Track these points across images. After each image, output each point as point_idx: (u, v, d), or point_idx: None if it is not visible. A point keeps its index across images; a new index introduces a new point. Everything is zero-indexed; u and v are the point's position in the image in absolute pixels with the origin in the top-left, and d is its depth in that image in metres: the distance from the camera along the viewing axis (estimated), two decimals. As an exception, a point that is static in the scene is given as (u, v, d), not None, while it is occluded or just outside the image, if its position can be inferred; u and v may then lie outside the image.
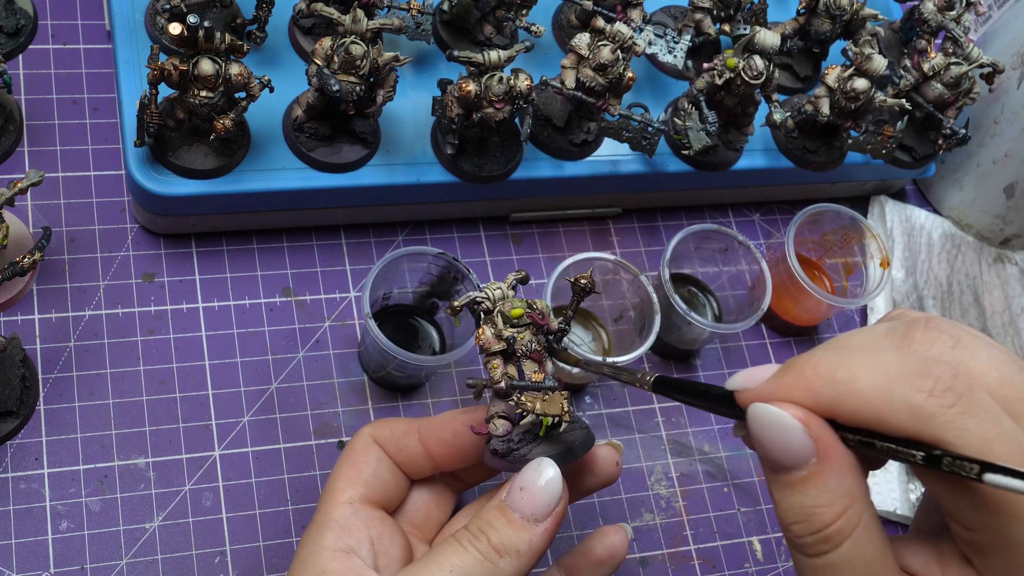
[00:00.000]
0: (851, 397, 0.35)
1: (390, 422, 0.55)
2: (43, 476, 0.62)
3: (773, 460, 0.37)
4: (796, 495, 0.37)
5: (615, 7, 0.76)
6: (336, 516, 0.52)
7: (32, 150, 0.71)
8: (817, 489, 0.36)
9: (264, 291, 0.71)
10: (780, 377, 0.38)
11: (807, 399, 0.37)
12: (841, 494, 0.36)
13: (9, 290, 0.65)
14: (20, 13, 0.73)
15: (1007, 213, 0.89)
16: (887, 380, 0.35)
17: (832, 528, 0.36)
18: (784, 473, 0.37)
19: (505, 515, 0.48)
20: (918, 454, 0.34)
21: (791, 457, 0.37)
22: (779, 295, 0.77)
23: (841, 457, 0.36)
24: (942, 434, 0.34)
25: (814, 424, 0.36)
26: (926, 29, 0.82)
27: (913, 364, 0.35)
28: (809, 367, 0.37)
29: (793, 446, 0.36)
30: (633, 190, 0.79)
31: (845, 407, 0.36)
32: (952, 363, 0.36)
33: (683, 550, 0.71)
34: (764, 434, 0.37)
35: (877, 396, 0.35)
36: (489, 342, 0.51)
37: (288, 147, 0.69)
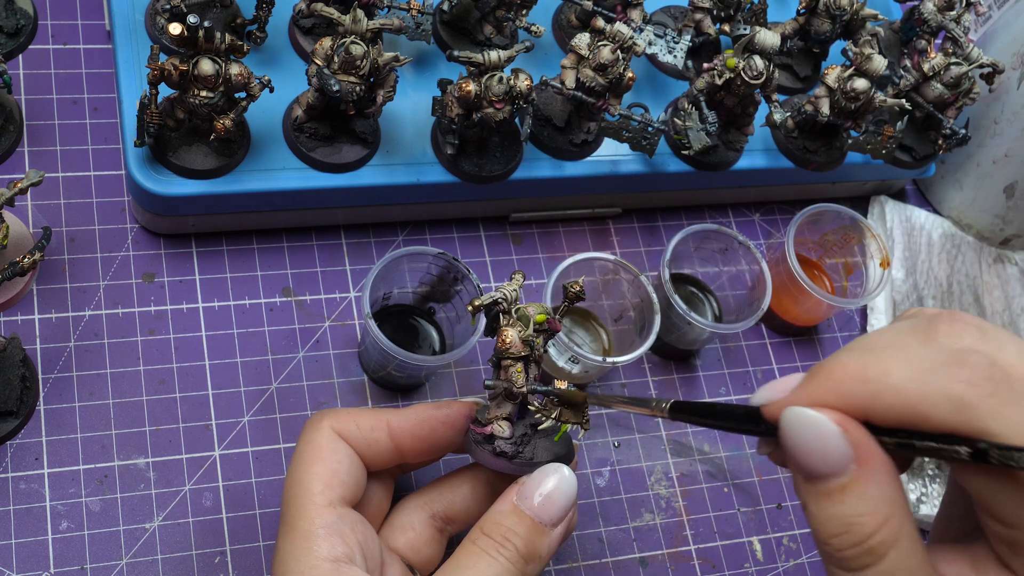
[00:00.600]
0: (887, 394, 0.34)
1: (352, 414, 0.53)
2: (43, 476, 0.62)
3: (810, 468, 0.36)
4: (835, 505, 0.35)
5: (615, 7, 0.76)
6: (323, 522, 0.49)
7: (32, 150, 0.71)
8: (857, 497, 0.35)
9: (264, 291, 0.71)
10: (808, 383, 0.36)
11: (840, 402, 0.35)
12: (883, 501, 0.35)
13: (9, 290, 0.65)
14: (20, 13, 0.73)
15: (1007, 213, 0.89)
16: (921, 374, 0.34)
17: (876, 539, 0.35)
18: (821, 482, 0.35)
19: (525, 521, 0.48)
20: (963, 449, 0.32)
21: (829, 464, 0.35)
22: (779, 295, 0.77)
23: (881, 462, 0.35)
24: (986, 424, 0.32)
25: (851, 428, 0.35)
26: (926, 29, 0.82)
27: (947, 355, 0.34)
28: (838, 369, 0.36)
29: (830, 452, 0.35)
30: (633, 190, 0.79)
31: (881, 406, 0.34)
32: (984, 352, 0.35)
33: (683, 550, 0.71)
34: (799, 441, 0.36)
35: (914, 390, 0.34)
36: (516, 346, 0.51)
37: (288, 147, 0.69)
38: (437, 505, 0.56)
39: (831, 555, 0.36)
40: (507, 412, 0.51)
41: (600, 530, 0.70)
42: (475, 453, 0.53)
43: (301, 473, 0.51)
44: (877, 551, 0.35)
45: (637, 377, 0.76)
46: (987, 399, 0.32)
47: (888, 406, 0.34)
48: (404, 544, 0.55)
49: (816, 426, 0.35)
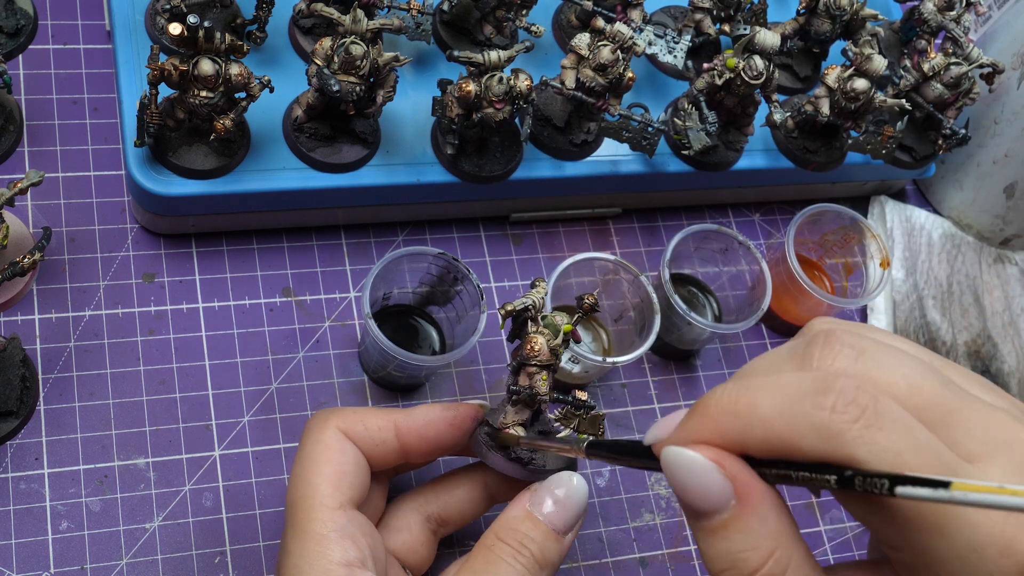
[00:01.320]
0: (756, 427, 0.34)
1: (358, 414, 0.53)
2: (43, 476, 0.62)
3: (691, 506, 0.35)
4: (720, 541, 0.35)
5: (615, 7, 0.76)
6: (334, 525, 0.48)
7: (32, 150, 0.71)
8: (740, 533, 0.34)
9: (264, 291, 0.71)
10: (688, 420, 0.36)
11: (717, 437, 0.35)
12: (765, 536, 0.34)
13: (9, 290, 0.65)
14: (20, 13, 0.73)
15: (1007, 213, 0.89)
16: (788, 402, 0.33)
17: (761, 573, 0.34)
18: (705, 519, 0.35)
19: (540, 527, 0.48)
20: (831, 478, 0.32)
21: (709, 501, 0.35)
22: (779, 295, 0.77)
23: (761, 496, 0.34)
24: (852, 451, 0.32)
25: (728, 463, 0.34)
26: (926, 29, 0.82)
27: (812, 381, 0.33)
28: (712, 404, 0.35)
29: (709, 489, 0.34)
30: (633, 190, 0.79)
31: (753, 439, 0.34)
32: (856, 375, 0.34)
33: (683, 550, 0.71)
34: (679, 479, 0.35)
35: (780, 421, 0.33)
36: (544, 354, 0.51)
37: (288, 147, 0.69)
38: (432, 507, 0.56)
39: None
40: (524, 418, 0.52)
41: (600, 530, 0.70)
42: (487, 456, 0.53)
43: (310, 474, 0.50)
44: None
45: (637, 377, 0.76)
46: (851, 425, 0.32)
47: (760, 439, 0.34)
48: (400, 546, 0.55)
49: (692, 464, 0.35)
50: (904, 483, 0.29)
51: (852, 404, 0.32)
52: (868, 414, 0.32)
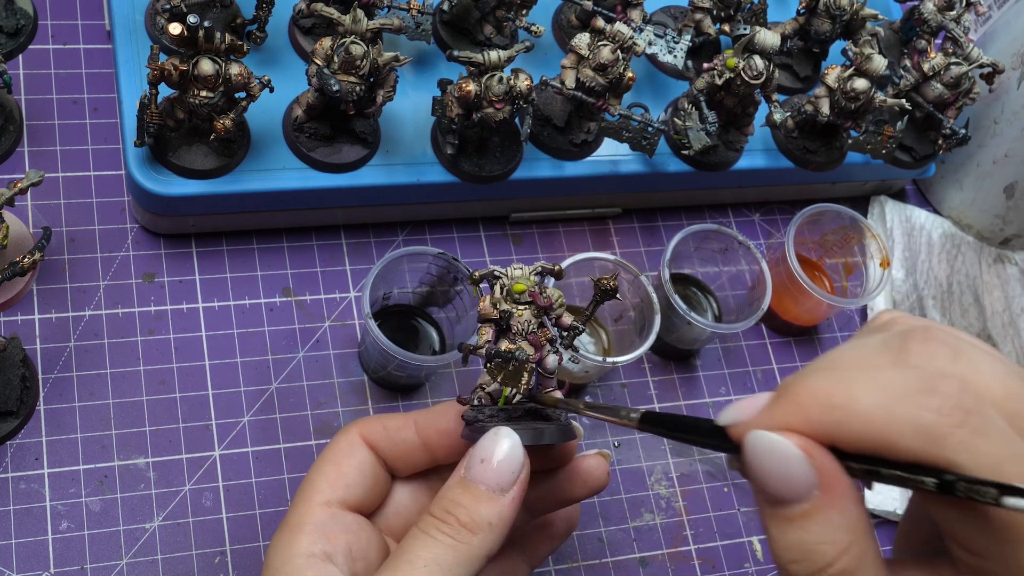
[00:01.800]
0: (853, 421, 0.33)
1: (381, 418, 0.53)
2: (43, 476, 0.62)
3: (773, 493, 0.35)
4: (796, 531, 0.34)
5: (615, 7, 0.76)
6: (311, 519, 0.48)
7: (32, 150, 0.71)
8: (819, 524, 0.34)
9: (264, 291, 0.71)
10: (774, 406, 0.35)
11: (806, 427, 0.34)
12: (845, 529, 0.34)
13: (9, 290, 0.65)
14: (20, 13, 0.73)
15: (1007, 213, 0.89)
16: (890, 400, 0.32)
17: (836, 567, 0.34)
18: (783, 507, 0.34)
19: (469, 490, 0.45)
20: (929, 480, 0.31)
21: (792, 490, 0.34)
22: (779, 295, 0.77)
23: (845, 489, 0.34)
24: (953, 455, 0.31)
25: (816, 453, 0.34)
26: (926, 29, 0.82)
27: (916, 380, 0.33)
28: (804, 392, 0.34)
29: (794, 477, 0.34)
30: (633, 190, 0.79)
31: (847, 433, 0.33)
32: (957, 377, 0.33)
33: (683, 550, 0.71)
34: (763, 465, 0.35)
35: (881, 418, 0.32)
36: (486, 310, 0.51)
37: (288, 147, 0.69)
38: None
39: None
40: (486, 382, 0.50)
41: (600, 530, 0.70)
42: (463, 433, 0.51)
43: (312, 473, 0.51)
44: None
45: (637, 377, 0.76)
46: (956, 429, 0.31)
47: (855, 433, 0.33)
48: None
49: (780, 451, 0.34)
50: (1013, 494, 0.29)
51: (958, 408, 0.32)
52: (972, 419, 0.32)
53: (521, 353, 0.49)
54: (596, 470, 0.53)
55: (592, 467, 0.53)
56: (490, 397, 0.50)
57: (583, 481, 0.53)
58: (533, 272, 0.51)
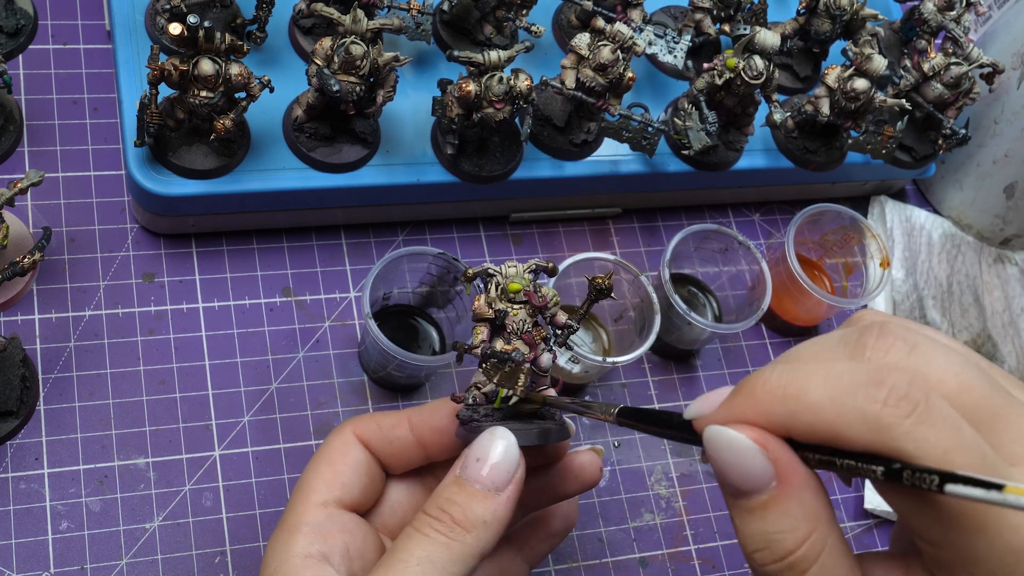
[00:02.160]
0: (804, 413, 0.34)
1: (375, 416, 0.53)
2: (43, 476, 0.62)
3: (731, 485, 0.36)
4: (757, 521, 0.35)
5: (615, 7, 0.76)
6: (308, 519, 0.48)
7: (32, 150, 0.71)
8: (778, 514, 0.35)
9: (264, 291, 0.71)
10: (733, 399, 0.36)
11: (761, 419, 0.35)
12: (803, 518, 0.35)
13: (9, 290, 0.65)
14: (20, 13, 0.73)
15: (1007, 213, 0.89)
16: (840, 392, 0.33)
17: (796, 555, 0.35)
18: (744, 498, 0.35)
19: (464, 489, 0.45)
20: (878, 469, 0.32)
21: (750, 481, 0.35)
22: (779, 295, 0.77)
23: (802, 479, 0.35)
24: (900, 445, 0.32)
25: (772, 445, 0.35)
26: (926, 29, 0.82)
27: (866, 373, 0.33)
28: (759, 385, 0.35)
29: (751, 469, 0.35)
30: (633, 190, 0.79)
31: (799, 424, 0.34)
32: (908, 370, 0.34)
33: (683, 550, 0.71)
34: (721, 458, 0.36)
35: (830, 409, 0.33)
36: (481, 309, 0.51)
37: (288, 147, 0.69)
38: None
39: (756, 569, 0.36)
40: (481, 381, 0.50)
41: (600, 530, 0.70)
42: (456, 433, 0.51)
43: (307, 473, 0.51)
44: (798, 567, 0.35)
45: (637, 377, 0.76)
46: (903, 420, 0.32)
47: (806, 424, 0.34)
48: None
49: (735, 444, 0.35)
50: (955, 481, 0.30)
51: (904, 399, 0.32)
52: (919, 410, 0.32)
53: (518, 354, 0.49)
54: (589, 466, 0.53)
55: (585, 463, 0.53)
56: (485, 397, 0.50)
57: (576, 477, 0.53)
58: (527, 270, 0.51)
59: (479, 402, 0.50)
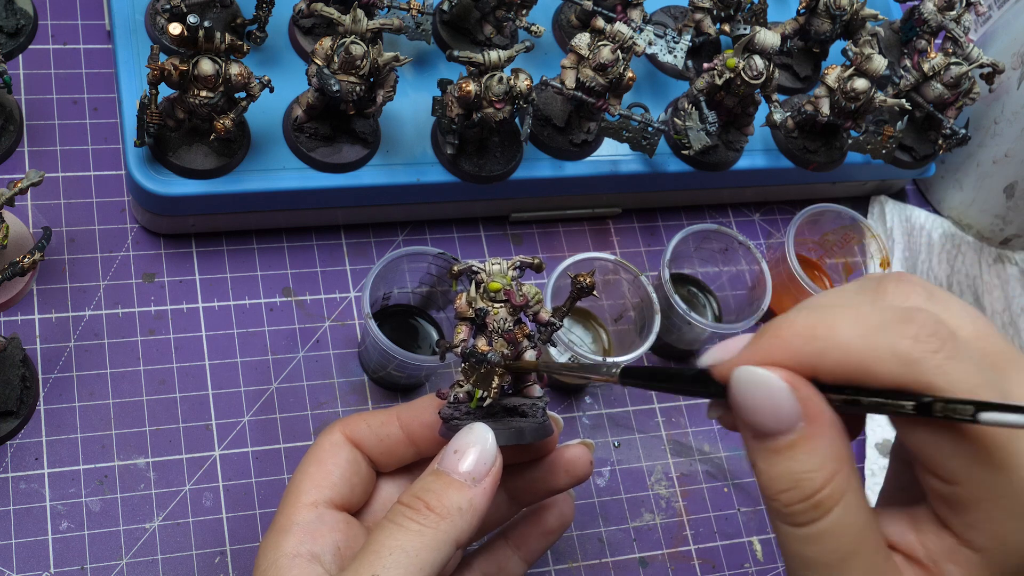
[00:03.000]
0: (834, 351, 0.34)
1: (364, 416, 0.53)
2: (43, 476, 0.62)
3: (759, 426, 0.36)
4: (784, 461, 0.36)
5: (615, 7, 0.76)
6: (298, 519, 0.48)
7: (32, 150, 0.71)
8: (806, 453, 0.35)
9: (264, 291, 0.71)
10: (757, 342, 0.37)
11: (789, 360, 0.35)
12: (831, 458, 0.35)
13: (9, 290, 0.65)
14: (20, 13, 0.73)
15: (1007, 213, 0.89)
16: (869, 330, 0.34)
17: (823, 493, 0.35)
18: (770, 439, 0.36)
19: (441, 478, 0.46)
20: (908, 404, 0.33)
21: (778, 421, 0.35)
22: (779, 295, 0.77)
23: (829, 419, 0.35)
24: (931, 379, 0.33)
25: (800, 385, 0.35)
26: (926, 29, 0.82)
27: (894, 312, 0.34)
28: (786, 327, 0.36)
29: (781, 409, 0.35)
30: (633, 190, 0.79)
31: (829, 362, 0.35)
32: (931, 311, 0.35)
33: (683, 550, 0.71)
34: (749, 399, 0.36)
35: (861, 346, 0.34)
36: (461, 308, 0.51)
37: (288, 147, 0.69)
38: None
39: (779, 511, 0.36)
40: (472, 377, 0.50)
41: (600, 530, 0.70)
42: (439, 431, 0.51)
43: (296, 475, 0.51)
44: (824, 505, 0.35)
45: (637, 377, 0.76)
46: (933, 355, 0.33)
47: (836, 362, 0.35)
48: None
49: (765, 384, 0.35)
50: (990, 409, 0.30)
51: (934, 335, 0.33)
52: (948, 346, 0.33)
53: (493, 355, 0.49)
54: (579, 459, 0.54)
55: (575, 456, 0.54)
56: (468, 395, 0.50)
57: (566, 471, 0.53)
58: (511, 267, 0.51)
59: (461, 399, 0.50)
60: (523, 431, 0.49)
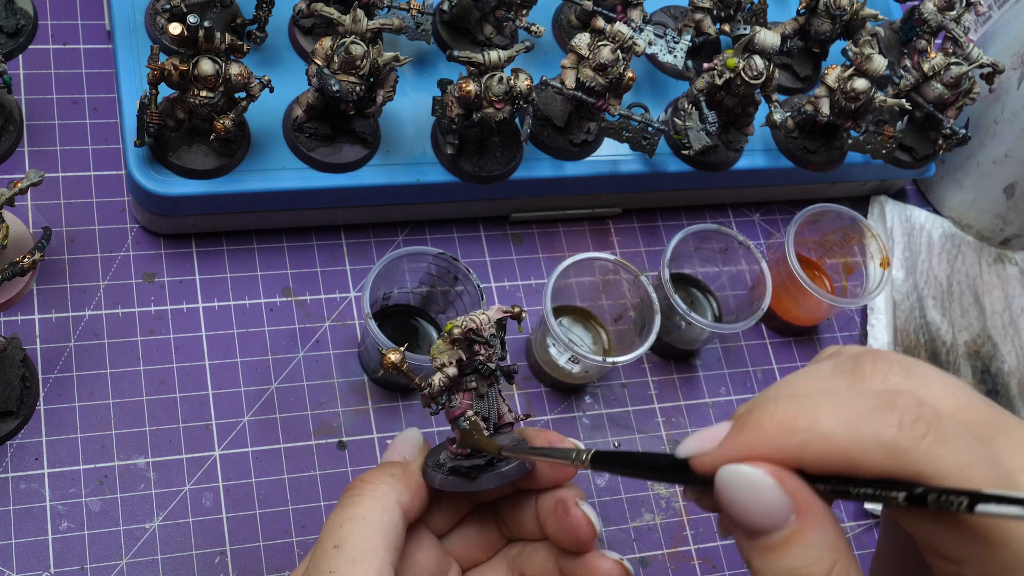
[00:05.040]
0: (819, 444, 0.33)
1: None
2: (43, 476, 0.62)
3: (750, 524, 0.35)
4: (780, 558, 0.35)
5: (615, 7, 0.76)
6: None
7: (32, 150, 0.71)
8: (802, 548, 0.34)
9: (264, 291, 0.71)
10: (738, 435, 0.36)
11: (772, 453, 0.34)
12: (827, 548, 0.34)
13: (9, 290, 0.65)
14: (20, 13, 0.73)
15: (1007, 213, 0.89)
16: (852, 419, 0.33)
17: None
18: (763, 537, 0.35)
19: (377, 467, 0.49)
20: (900, 495, 0.32)
21: (770, 518, 0.34)
22: (779, 295, 0.77)
23: (820, 509, 0.34)
24: (920, 467, 0.32)
25: (787, 479, 0.34)
26: (926, 29, 0.82)
27: (875, 398, 0.33)
28: (766, 419, 0.35)
29: (770, 506, 0.34)
30: (633, 190, 0.79)
31: (813, 455, 0.34)
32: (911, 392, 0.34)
33: (683, 550, 0.71)
34: (738, 498, 0.35)
35: (845, 438, 0.33)
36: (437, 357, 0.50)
37: (288, 147, 0.69)
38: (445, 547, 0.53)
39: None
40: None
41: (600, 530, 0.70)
42: (432, 480, 0.49)
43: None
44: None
45: (637, 377, 0.76)
46: (919, 441, 0.32)
47: (821, 455, 0.34)
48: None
49: (753, 482, 0.34)
50: (986, 501, 0.30)
51: (919, 421, 0.32)
52: (934, 430, 0.32)
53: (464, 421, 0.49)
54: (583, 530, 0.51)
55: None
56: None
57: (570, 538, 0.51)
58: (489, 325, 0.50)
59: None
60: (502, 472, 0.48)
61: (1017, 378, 0.85)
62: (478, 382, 0.50)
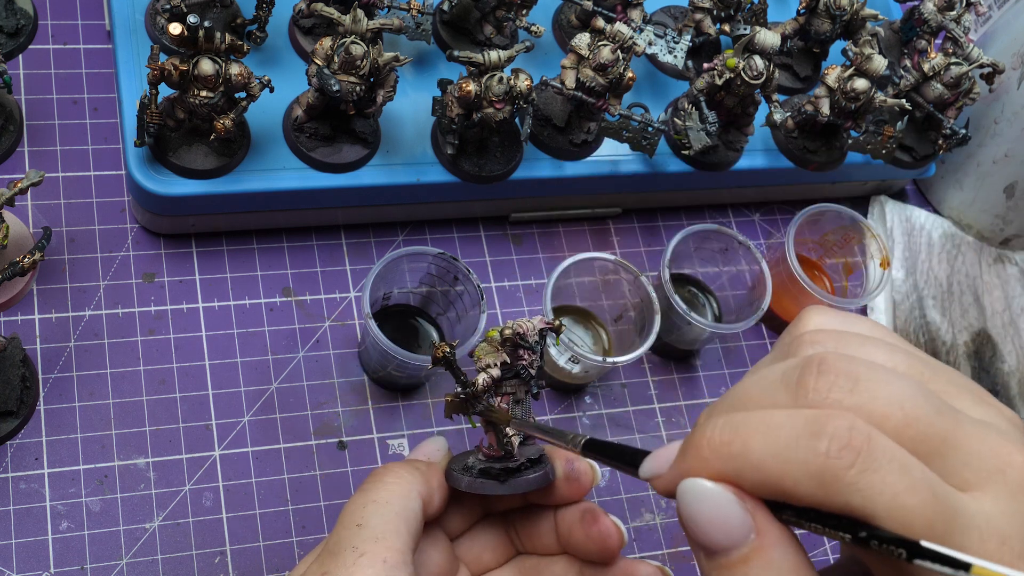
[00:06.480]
0: (750, 471, 0.32)
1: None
2: (43, 476, 0.62)
3: (710, 541, 0.33)
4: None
5: (615, 7, 0.76)
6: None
7: (32, 150, 0.71)
8: (761, 567, 0.33)
9: (264, 291, 0.71)
10: (683, 459, 0.35)
11: (713, 477, 0.33)
12: (788, 568, 0.33)
13: (9, 290, 0.65)
14: (20, 13, 0.73)
15: (1007, 213, 0.89)
16: (781, 446, 0.31)
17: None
18: (722, 555, 0.33)
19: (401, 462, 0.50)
20: (846, 536, 0.31)
21: (729, 535, 0.33)
22: (779, 295, 0.77)
23: (778, 528, 0.33)
24: (847, 498, 0.30)
25: (745, 497, 0.33)
26: (926, 29, 0.82)
27: (805, 423, 0.32)
28: (704, 443, 0.33)
29: (730, 522, 0.33)
30: (633, 190, 0.79)
31: (748, 483, 0.32)
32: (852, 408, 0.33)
33: (683, 550, 0.71)
34: (696, 513, 0.34)
35: (775, 468, 0.31)
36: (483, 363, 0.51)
37: (288, 147, 0.69)
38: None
39: None
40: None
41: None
42: (458, 483, 0.50)
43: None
44: None
45: (637, 377, 0.76)
46: (846, 472, 0.30)
47: (755, 484, 0.32)
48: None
49: (711, 496, 0.33)
50: (922, 556, 0.28)
51: (846, 448, 0.31)
52: (862, 458, 0.31)
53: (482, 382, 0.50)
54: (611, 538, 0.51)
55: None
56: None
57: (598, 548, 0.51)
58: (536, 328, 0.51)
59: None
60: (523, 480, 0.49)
61: (1017, 378, 0.85)
62: (516, 387, 0.50)
